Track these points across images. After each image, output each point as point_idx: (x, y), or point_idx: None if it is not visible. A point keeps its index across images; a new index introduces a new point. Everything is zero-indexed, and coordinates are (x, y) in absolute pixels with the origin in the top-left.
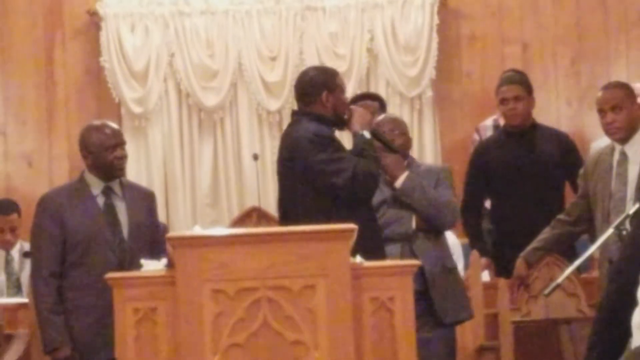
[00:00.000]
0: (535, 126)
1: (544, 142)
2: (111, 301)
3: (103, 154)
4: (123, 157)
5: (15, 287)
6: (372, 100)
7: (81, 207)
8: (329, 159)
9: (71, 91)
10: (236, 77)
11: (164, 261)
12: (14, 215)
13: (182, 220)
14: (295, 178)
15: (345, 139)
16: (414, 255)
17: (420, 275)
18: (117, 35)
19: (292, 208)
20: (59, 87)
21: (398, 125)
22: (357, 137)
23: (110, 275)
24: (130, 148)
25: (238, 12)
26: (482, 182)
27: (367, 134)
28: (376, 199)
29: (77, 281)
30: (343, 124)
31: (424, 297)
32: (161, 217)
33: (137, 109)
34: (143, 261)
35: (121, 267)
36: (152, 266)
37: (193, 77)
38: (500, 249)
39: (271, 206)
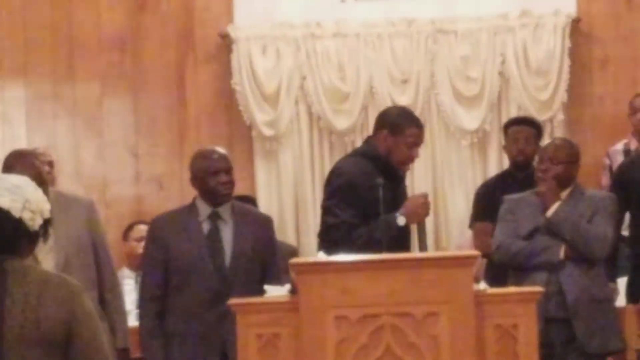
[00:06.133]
0: None
1: None
2: (207, 328)
3: (206, 180)
4: (226, 183)
5: None
6: (529, 127)
7: (186, 232)
8: (330, 207)
9: (202, 114)
10: (367, 100)
11: (287, 287)
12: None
13: (312, 243)
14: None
15: None
16: (559, 284)
17: (565, 303)
18: (249, 58)
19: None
20: (190, 109)
21: (558, 153)
22: (392, 216)
23: (234, 301)
24: (261, 171)
25: (369, 35)
26: (622, 200)
27: (402, 221)
28: (529, 226)
29: (177, 306)
30: (395, 174)
31: (569, 325)
32: (291, 240)
33: (268, 132)
34: (267, 287)
35: (219, 294)
36: (275, 292)
37: (324, 100)
38: (638, 274)
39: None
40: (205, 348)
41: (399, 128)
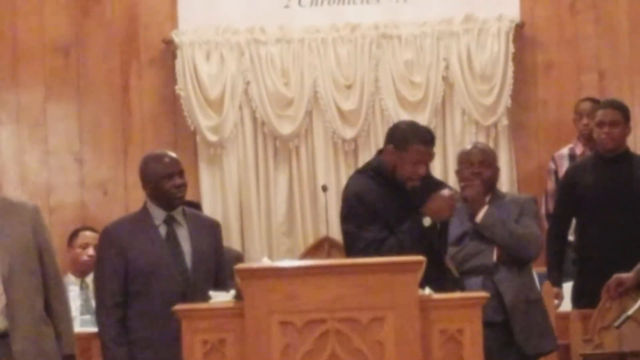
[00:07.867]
0: (629, 153)
1: (638, 170)
2: (174, 332)
3: (160, 183)
4: (181, 186)
5: (91, 313)
6: None
7: (143, 237)
8: (352, 233)
9: (147, 119)
10: (311, 105)
11: (232, 293)
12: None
13: (257, 248)
14: None
15: None
16: (495, 287)
17: (501, 306)
18: (193, 64)
19: None
20: (134, 115)
21: (487, 157)
22: (416, 219)
23: (179, 307)
24: (205, 176)
25: (314, 40)
26: (570, 205)
27: (427, 222)
28: (457, 231)
29: (140, 311)
30: (400, 189)
31: (505, 328)
32: (236, 245)
33: (212, 137)
34: (212, 293)
35: (184, 296)
36: (220, 298)
37: (268, 105)
38: (583, 280)
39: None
40: (173, 352)
41: (403, 144)
